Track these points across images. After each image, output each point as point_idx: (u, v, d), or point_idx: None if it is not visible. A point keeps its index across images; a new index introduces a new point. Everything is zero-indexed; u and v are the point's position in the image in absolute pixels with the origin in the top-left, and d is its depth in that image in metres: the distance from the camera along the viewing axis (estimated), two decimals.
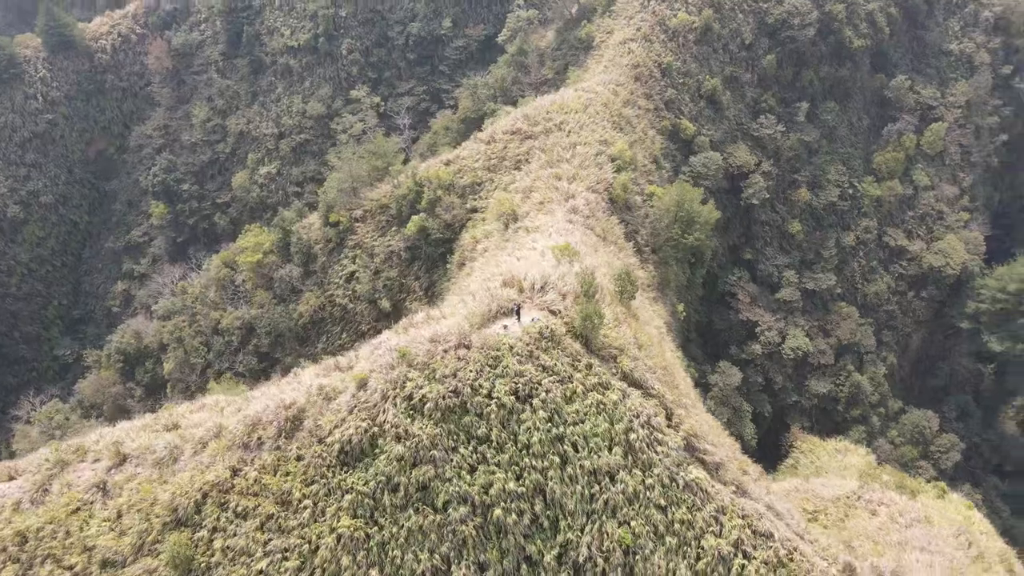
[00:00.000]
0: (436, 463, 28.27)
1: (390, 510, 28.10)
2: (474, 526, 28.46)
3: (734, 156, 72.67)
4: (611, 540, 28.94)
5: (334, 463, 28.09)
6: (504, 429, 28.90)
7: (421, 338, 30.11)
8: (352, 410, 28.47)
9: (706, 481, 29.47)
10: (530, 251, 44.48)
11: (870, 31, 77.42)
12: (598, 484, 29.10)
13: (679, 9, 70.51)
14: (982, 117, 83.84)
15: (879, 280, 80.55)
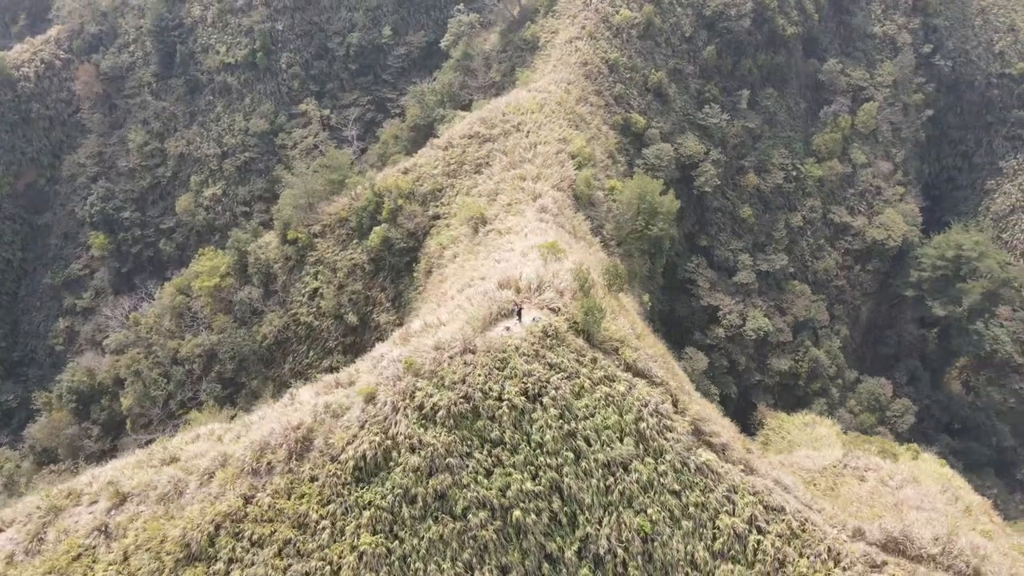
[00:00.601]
0: (452, 470, 28.14)
1: (409, 522, 27.83)
2: (494, 530, 28.43)
3: (684, 146, 74.41)
4: (629, 529, 29.35)
5: (349, 480, 27.64)
6: (517, 430, 28.98)
7: (425, 347, 29.91)
8: (363, 425, 28.07)
9: (716, 462, 30.19)
10: (508, 252, 44.64)
11: (800, 18, 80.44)
12: (612, 476, 29.46)
13: (620, 6, 71.81)
14: (908, 95, 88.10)
15: (827, 257, 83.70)
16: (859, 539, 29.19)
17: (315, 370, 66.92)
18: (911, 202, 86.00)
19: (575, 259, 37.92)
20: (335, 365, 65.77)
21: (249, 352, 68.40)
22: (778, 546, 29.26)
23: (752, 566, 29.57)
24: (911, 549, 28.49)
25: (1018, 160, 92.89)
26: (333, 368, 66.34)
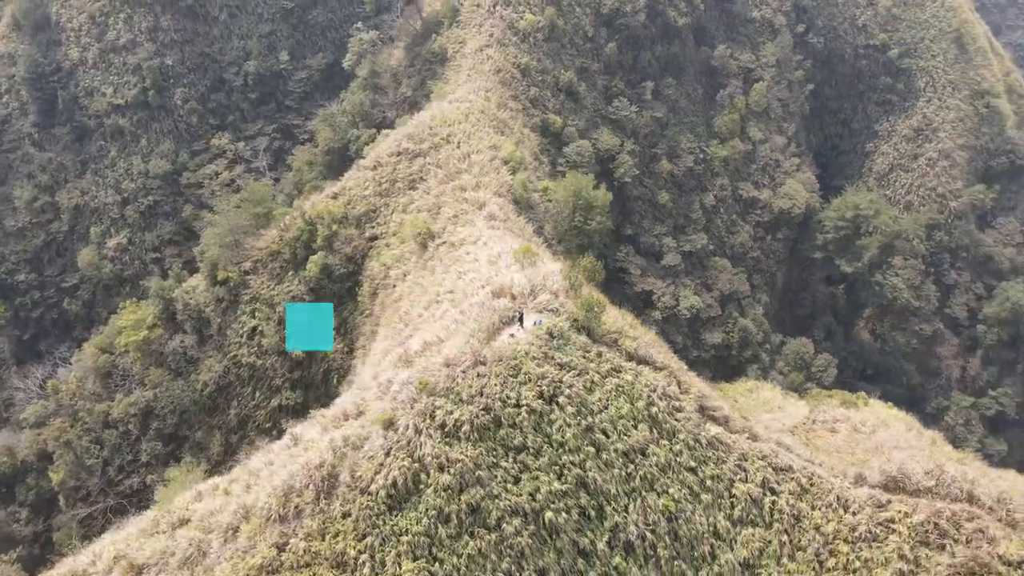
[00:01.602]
0: (483, 483, 28.28)
1: (447, 542, 27.77)
2: (528, 534, 28.79)
3: (600, 141, 76.81)
4: (654, 511, 30.43)
5: (383, 510, 27.27)
6: (538, 433, 29.44)
7: (434, 366, 29.84)
8: (388, 452, 27.75)
9: (724, 435, 31.77)
10: (472, 263, 44.93)
11: (688, 9, 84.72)
12: (632, 463, 30.44)
13: (524, 11, 73.30)
14: (791, 72, 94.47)
15: (741, 231, 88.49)
16: (862, 484, 31.47)
17: (263, 411, 64.90)
18: (807, 171, 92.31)
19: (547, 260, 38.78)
20: (285, 403, 64.10)
21: (190, 403, 65.41)
22: (791, 503, 31.12)
23: (770, 527, 31.31)
24: (909, 485, 31.03)
25: (890, 122, 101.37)
26: (283, 407, 64.75)
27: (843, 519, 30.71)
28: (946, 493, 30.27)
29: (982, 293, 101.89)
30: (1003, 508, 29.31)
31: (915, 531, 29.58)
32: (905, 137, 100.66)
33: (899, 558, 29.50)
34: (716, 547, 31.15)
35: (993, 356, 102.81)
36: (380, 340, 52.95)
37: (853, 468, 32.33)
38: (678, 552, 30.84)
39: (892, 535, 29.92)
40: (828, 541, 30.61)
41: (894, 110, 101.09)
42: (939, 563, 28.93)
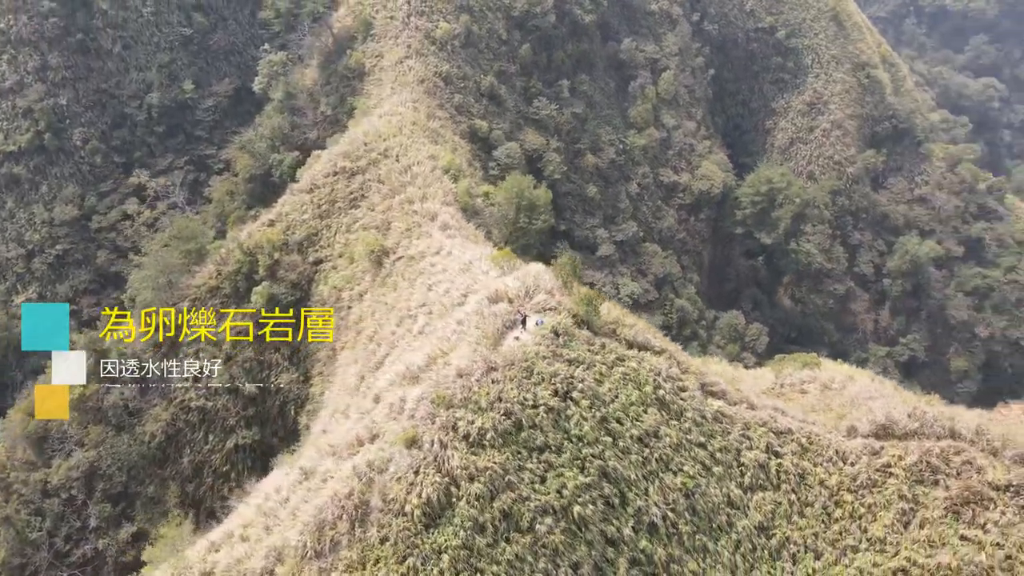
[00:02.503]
0: (512, 487, 28.45)
1: (486, 551, 27.77)
2: (560, 531, 29.17)
3: (526, 141, 77.93)
4: (672, 490, 31.45)
5: (420, 529, 26.98)
6: (557, 430, 29.87)
7: (447, 379, 29.73)
8: (418, 470, 27.46)
9: (725, 407, 33.18)
10: (441, 274, 44.81)
11: (593, 6, 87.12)
12: (647, 446, 31.35)
13: (438, 20, 73.42)
14: (692, 60, 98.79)
15: (666, 215, 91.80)
16: (855, 436, 33.61)
17: (219, 454, 62.37)
18: (719, 152, 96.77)
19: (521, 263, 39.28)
20: (242, 442, 61.85)
21: (138, 457, 62.03)
22: (795, 463, 32.88)
23: (778, 488, 32.96)
24: (896, 430, 33.37)
25: (785, 99, 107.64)
26: (240, 447, 62.40)
27: (844, 471, 32.72)
28: (931, 432, 32.78)
29: (884, 249, 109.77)
30: (982, 439, 32.04)
31: (910, 472, 31.90)
32: (800, 112, 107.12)
33: (899, 499, 31.73)
34: (732, 515, 32.50)
35: (900, 306, 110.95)
36: (347, 363, 51.98)
37: (844, 422, 34.48)
38: (698, 526, 31.99)
39: (890, 479, 32.14)
40: (833, 493, 32.55)
41: (787, 87, 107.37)
42: (935, 497, 31.32)
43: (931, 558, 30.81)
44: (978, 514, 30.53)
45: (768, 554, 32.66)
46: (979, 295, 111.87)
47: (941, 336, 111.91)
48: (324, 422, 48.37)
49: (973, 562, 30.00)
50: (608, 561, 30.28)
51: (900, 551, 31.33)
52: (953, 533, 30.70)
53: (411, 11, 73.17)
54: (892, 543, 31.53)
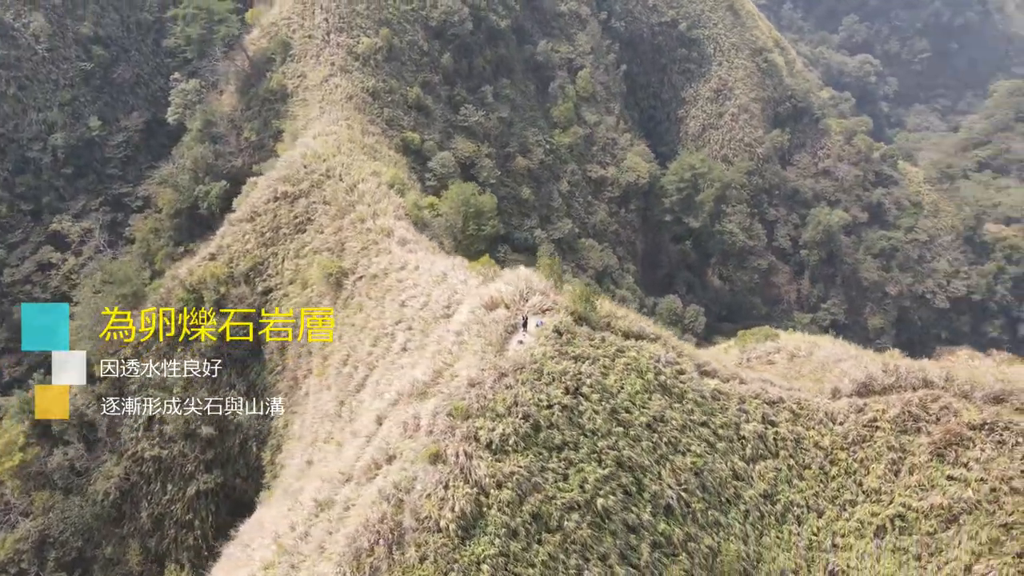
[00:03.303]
0: (539, 488, 28.72)
1: (521, 555, 27.93)
2: (587, 525, 29.67)
3: (458, 149, 78.08)
4: (683, 471, 32.47)
5: (457, 543, 26.85)
6: (572, 427, 30.31)
7: (459, 390, 29.64)
8: (447, 484, 27.30)
9: (720, 385, 34.50)
10: (412, 288, 44.43)
11: (506, 12, 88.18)
12: (656, 432, 32.25)
13: (359, 36, 72.57)
14: (604, 57, 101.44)
15: (598, 210, 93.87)
16: (839, 396, 35.60)
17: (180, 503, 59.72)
18: (640, 143, 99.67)
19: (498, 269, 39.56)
20: (204, 487, 59.45)
21: (91, 518, 58.57)
22: (790, 429, 34.56)
23: (777, 455, 34.56)
24: (876, 386, 35.56)
25: (693, 88, 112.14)
26: (202, 492, 59.88)
27: (834, 431, 34.62)
28: (907, 384, 35.13)
29: (798, 222, 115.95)
30: (953, 385, 34.61)
31: (894, 423, 34.09)
32: (708, 99, 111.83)
33: (888, 450, 33.87)
34: (738, 487, 33.84)
35: (817, 274, 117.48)
36: (317, 391, 50.75)
37: (826, 385, 36.48)
38: (709, 502, 33.15)
39: (877, 432, 34.24)
40: (828, 453, 34.39)
41: (694, 77, 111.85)
42: (920, 444, 33.61)
43: (923, 501, 33.06)
44: (960, 454, 32.97)
45: (775, 519, 34.20)
46: (885, 256, 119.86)
47: (856, 298, 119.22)
48: (304, 452, 47.13)
49: (962, 499, 32.39)
50: (632, 548, 30.98)
51: (895, 498, 33.45)
52: (940, 475, 33.03)
53: (330, 28, 72.01)
54: (887, 492, 33.63)
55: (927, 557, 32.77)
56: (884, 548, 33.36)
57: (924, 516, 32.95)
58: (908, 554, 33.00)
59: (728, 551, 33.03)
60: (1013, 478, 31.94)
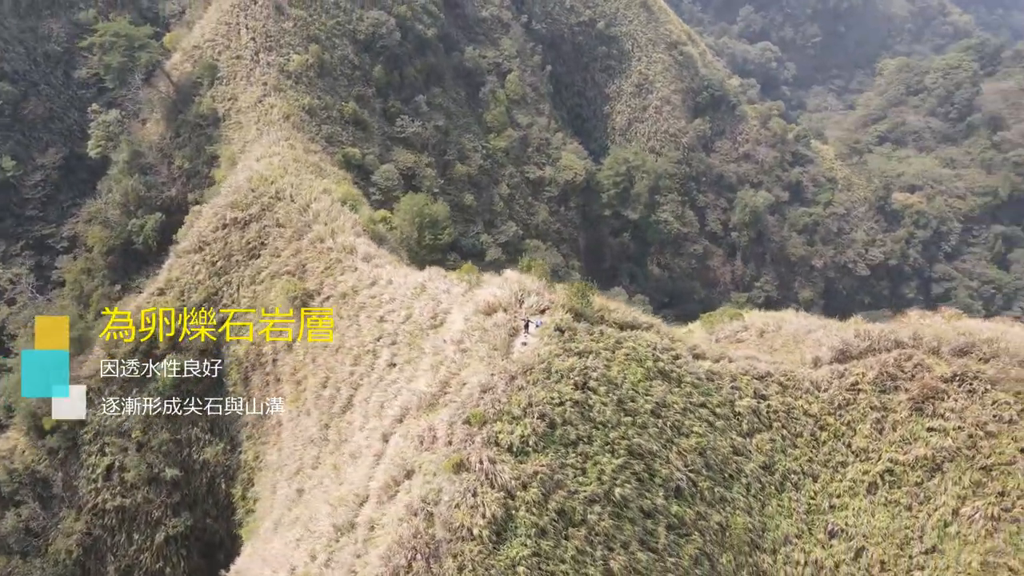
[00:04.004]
0: (561, 485, 29.09)
1: (552, 553, 28.22)
2: (608, 515, 30.26)
3: (399, 161, 77.59)
4: (688, 452, 33.48)
5: (491, 548, 26.92)
6: (585, 421, 30.82)
7: (471, 397, 29.66)
8: (475, 492, 27.30)
9: (712, 365, 35.71)
10: (388, 303, 43.98)
11: (431, 20, 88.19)
12: (660, 417, 33.12)
13: (289, 53, 71.13)
14: (530, 59, 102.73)
15: (539, 210, 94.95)
16: (820, 365, 37.39)
17: (148, 552, 57.34)
18: (572, 142, 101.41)
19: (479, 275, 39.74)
20: (173, 533, 57.29)
21: None
22: (780, 401, 36.10)
23: (771, 427, 36.04)
24: (852, 351, 37.50)
25: (616, 84, 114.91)
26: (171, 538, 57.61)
27: (821, 398, 36.36)
28: (880, 347, 37.23)
29: (726, 206, 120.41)
30: (921, 342, 36.92)
31: (875, 385, 36.08)
32: (631, 94, 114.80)
33: (871, 410, 35.83)
34: (739, 462, 35.11)
35: (749, 254, 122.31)
36: (292, 418, 49.54)
37: (808, 355, 38.26)
38: (714, 480, 34.28)
39: (859, 394, 36.17)
40: (817, 420, 36.08)
41: (616, 73, 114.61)
42: (900, 401, 35.70)
43: (908, 454, 35.13)
44: (937, 406, 35.21)
45: (775, 488, 35.65)
46: (808, 231, 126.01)
47: (786, 273, 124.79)
48: (290, 482, 45.91)
49: (943, 448, 34.60)
50: (649, 533, 31.76)
51: (882, 455, 35.42)
52: (921, 428, 35.17)
53: (258, 48, 70.28)
54: (874, 450, 35.57)
55: (917, 506, 34.83)
56: (877, 503, 35.26)
57: (910, 468, 35.01)
58: (900, 505, 34.98)
59: (736, 525, 34.25)
60: (987, 423, 34.35)
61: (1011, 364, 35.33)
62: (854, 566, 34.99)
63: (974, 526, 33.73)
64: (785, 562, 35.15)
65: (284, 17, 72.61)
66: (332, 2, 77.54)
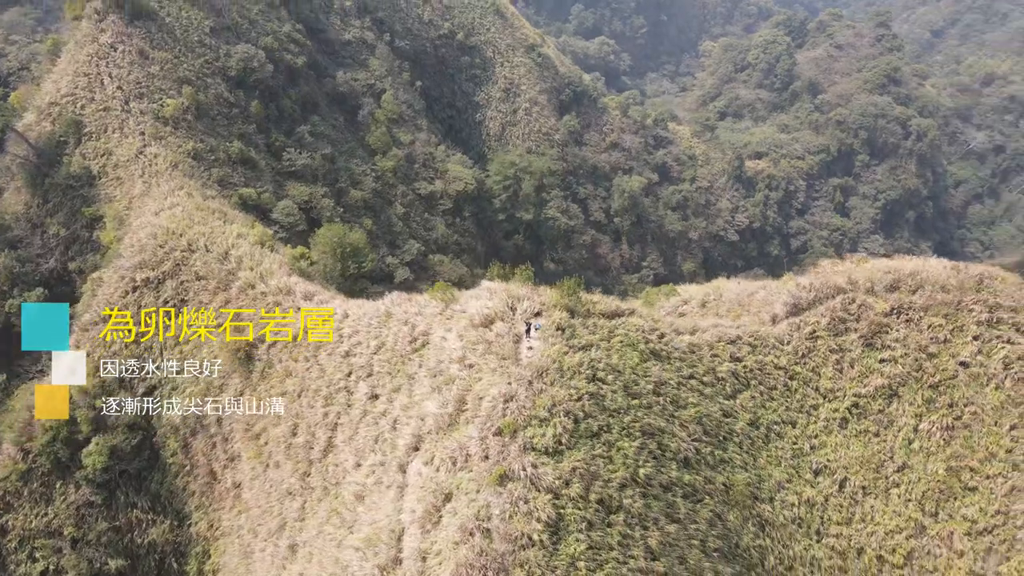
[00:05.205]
0: (596, 475, 29.92)
1: (602, 542, 29.00)
2: (638, 496, 31.47)
3: (295, 195, 75.12)
4: (690, 422, 35.37)
5: (552, 550, 27.30)
6: (602, 411, 31.78)
7: (495, 409, 29.76)
8: (526, 499, 27.53)
9: (691, 338, 37.82)
10: (350, 337, 42.77)
11: (299, 49, 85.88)
12: (660, 395, 34.73)
13: (161, 99, 66.94)
14: (399, 77, 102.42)
15: (436, 225, 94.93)
16: (778, 321, 40.53)
17: None
18: (455, 152, 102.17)
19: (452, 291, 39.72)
20: None
21: None
22: (753, 360, 38.82)
23: (749, 385, 38.68)
24: (802, 303, 40.96)
25: (484, 92, 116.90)
26: None
27: (786, 350, 39.46)
28: (824, 294, 40.94)
29: (605, 195, 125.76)
30: (857, 285, 40.98)
31: (829, 330, 39.65)
32: (500, 99, 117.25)
33: (830, 353, 39.35)
34: (729, 423, 37.42)
35: (632, 237, 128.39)
36: (259, 473, 47.04)
37: (764, 314, 41.34)
38: (712, 444, 36.38)
39: (818, 341, 39.60)
40: (787, 371, 39.13)
41: (482, 81, 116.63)
42: (852, 340, 39.45)
43: (867, 387, 38.88)
44: (883, 339, 39.26)
45: (762, 441, 38.31)
46: (681, 207, 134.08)
47: (667, 250, 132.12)
48: (276, 538, 43.57)
49: (895, 375, 38.61)
50: (671, 505, 33.29)
51: (847, 392, 39.00)
52: (874, 361, 39.07)
53: (127, 96, 65.61)
54: (839, 389, 39.10)
55: (883, 431, 38.64)
56: (849, 435, 38.77)
57: (872, 398, 38.79)
58: (869, 433, 38.66)
59: (737, 482, 36.52)
60: (927, 346, 38.73)
61: (935, 291, 40.03)
62: (840, 496, 38.29)
63: (933, 438, 37.88)
64: (782, 507, 37.86)
65: (149, 61, 68.26)
66: (196, 40, 73.74)
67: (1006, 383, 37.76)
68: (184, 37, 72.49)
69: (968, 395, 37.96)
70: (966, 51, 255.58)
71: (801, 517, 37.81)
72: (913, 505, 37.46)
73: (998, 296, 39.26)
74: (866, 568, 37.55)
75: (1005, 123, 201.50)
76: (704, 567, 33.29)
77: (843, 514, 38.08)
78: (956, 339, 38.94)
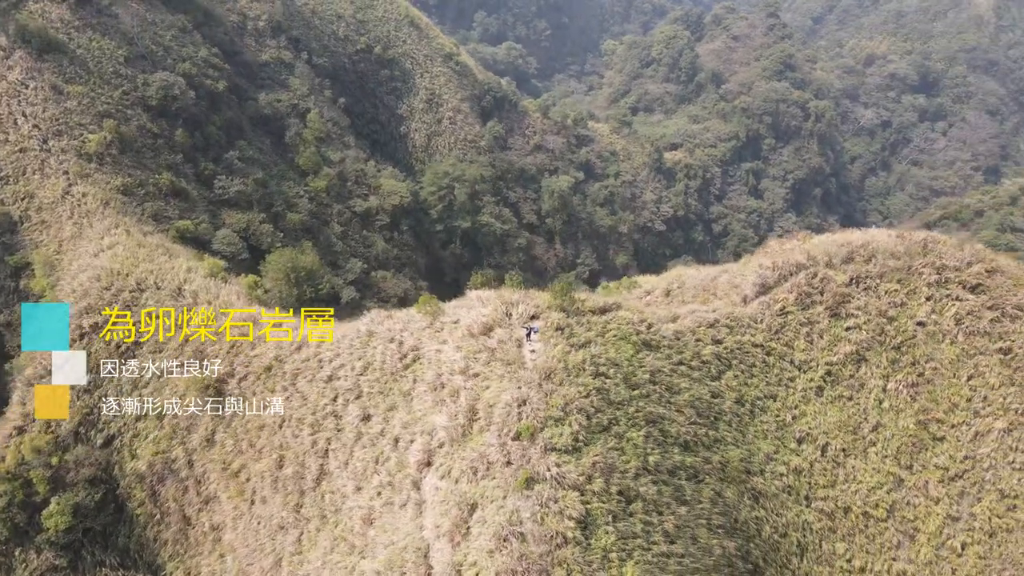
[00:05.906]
0: (613, 468, 30.57)
1: (627, 532, 29.69)
2: (651, 482, 32.38)
3: (232, 224, 72.76)
4: (685, 407, 36.54)
5: (586, 544, 27.75)
6: (608, 405, 32.47)
7: (510, 415, 29.94)
8: (553, 498, 27.88)
9: (675, 326, 39.05)
10: (331, 360, 41.94)
11: (218, 73, 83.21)
12: (656, 383, 35.74)
13: (82, 134, 63.60)
14: (322, 95, 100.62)
15: (376, 241, 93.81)
16: (749, 301, 42.35)
17: None
18: (386, 167, 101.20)
19: None
20: None
21: None
22: (732, 340, 40.43)
23: (731, 365, 40.26)
24: (769, 281, 42.95)
25: (407, 104, 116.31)
26: None
27: (760, 328, 41.29)
28: (788, 272, 43.08)
29: (535, 196, 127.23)
30: (816, 260, 43.33)
31: (797, 304, 41.74)
32: (423, 110, 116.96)
33: (801, 326, 41.44)
34: (718, 403, 38.80)
35: (565, 236, 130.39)
36: (244, 511, 45.48)
37: (735, 296, 43.10)
38: (706, 424, 37.71)
39: (788, 316, 41.63)
40: (763, 347, 40.96)
41: (403, 94, 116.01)
42: (819, 312, 41.68)
43: (837, 355, 41.19)
44: (847, 308, 41.68)
45: (748, 417, 39.96)
46: (608, 203, 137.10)
47: (599, 245, 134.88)
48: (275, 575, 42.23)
49: (861, 341, 41.06)
50: (678, 489, 34.39)
51: (819, 362, 41.17)
52: (840, 329, 41.44)
53: (45, 134, 62.00)
54: (812, 360, 41.22)
55: (856, 394, 41.00)
56: (826, 402, 40.94)
57: (842, 365, 41.10)
58: (843, 398, 40.94)
59: (732, 458, 38.00)
60: (886, 310, 41.38)
61: (886, 259, 42.81)
62: (824, 461, 40.35)
63: (901, 396, 40.51)
64: (772, 477, 39.60)
65: (64, 96, 64.74)
66: (111, 71, 70.39)
67: (959, 337, 40.81)
68: (98, 69, 69.12)
69: (927, 352, 40.79)
70: (846, 35, 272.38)
71: (790, 485, 39.61)
72: (890, 460, 39.89)
73: (943, 258, 42.38)
74: (853, 526, 39.81)
75: (889, 99, 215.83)
76: (712, 544, 34.51)
77: (828, 477, 40.12)
78: (911, 301, 41.77)
